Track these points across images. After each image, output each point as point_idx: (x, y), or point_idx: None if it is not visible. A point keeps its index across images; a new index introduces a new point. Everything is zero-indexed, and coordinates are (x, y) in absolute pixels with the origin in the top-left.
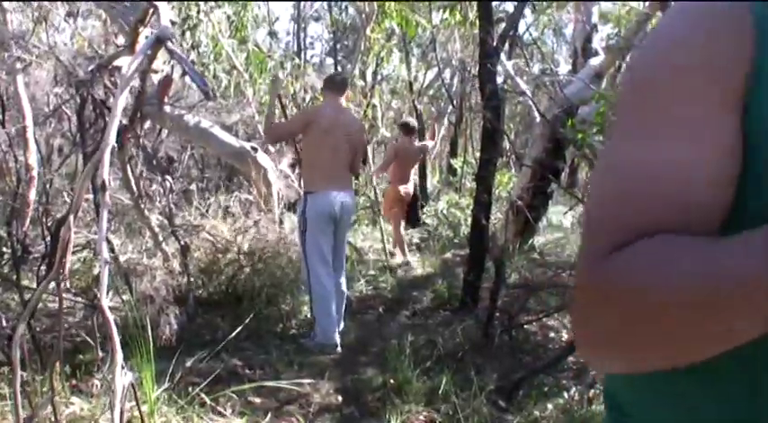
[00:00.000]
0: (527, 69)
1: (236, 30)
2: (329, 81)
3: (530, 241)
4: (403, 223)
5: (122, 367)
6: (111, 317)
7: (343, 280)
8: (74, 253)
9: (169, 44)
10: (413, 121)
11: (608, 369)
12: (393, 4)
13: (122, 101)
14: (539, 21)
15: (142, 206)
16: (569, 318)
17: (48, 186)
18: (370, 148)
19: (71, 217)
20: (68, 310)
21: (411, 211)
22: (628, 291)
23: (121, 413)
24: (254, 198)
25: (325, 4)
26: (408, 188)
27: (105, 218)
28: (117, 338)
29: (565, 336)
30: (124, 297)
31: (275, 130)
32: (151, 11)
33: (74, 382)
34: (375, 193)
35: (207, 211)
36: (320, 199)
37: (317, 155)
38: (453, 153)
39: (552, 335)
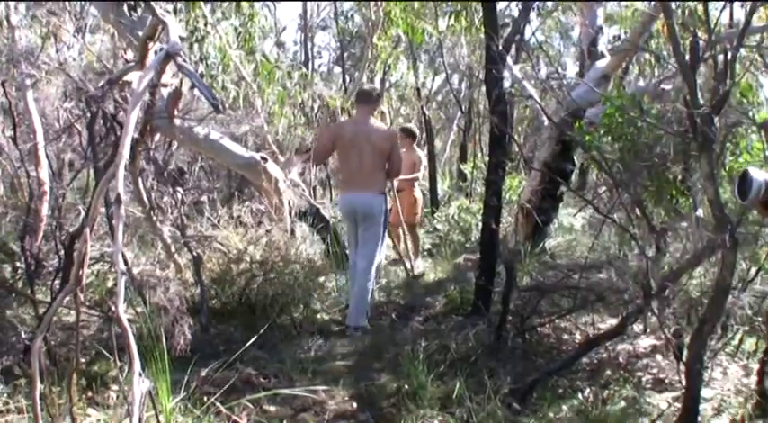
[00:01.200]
0: (534, 73)
1: (244, 41)
2: (356, 95)
3: (541, 244)
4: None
5: (140, 375)
6: (128, 325)
7: (361, 260)
8: (87, 266)
9: (178, 59)
10: (414, 128)
11: None
12: (399, 11)
13: (134, 116)
14: (545, 24)
15: (154, 218)
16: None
17: (60, 200)
18: None
19: (87, 230)
20: (83, 323)
21: None
22: None
23: (140, 421)
24: (265, 208)
25: (331, 12)
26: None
27: (121, 230)
28: (134, 346)
29: (578, 337)
30: (138, 309)
31: (314, 153)
32: (160, 27)
33: (89, 394)
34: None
35: (218, 221)
36: (342, 199)
37: (342, 163)
38: (463, 158)
39: (565, 336)
